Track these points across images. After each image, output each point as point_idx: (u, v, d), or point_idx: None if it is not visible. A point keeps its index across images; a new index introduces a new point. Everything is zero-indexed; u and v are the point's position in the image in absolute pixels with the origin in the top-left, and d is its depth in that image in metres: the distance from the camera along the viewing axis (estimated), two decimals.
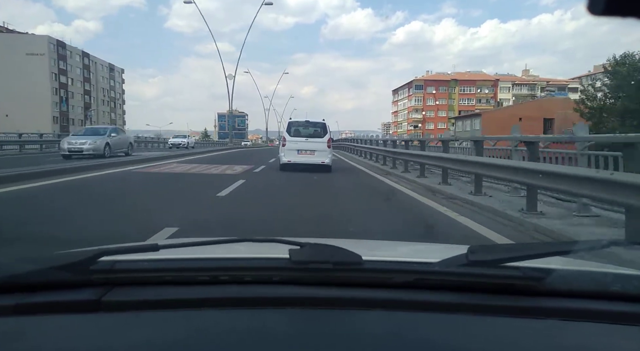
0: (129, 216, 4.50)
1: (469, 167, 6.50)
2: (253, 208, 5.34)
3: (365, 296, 0.76)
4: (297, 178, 9.04)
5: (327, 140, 10.77)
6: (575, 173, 3.98)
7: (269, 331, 0.67)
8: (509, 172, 5.16)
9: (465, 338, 0.67)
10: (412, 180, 8.85)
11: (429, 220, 4.86)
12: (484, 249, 0.84)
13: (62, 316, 0.71)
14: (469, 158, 6.77)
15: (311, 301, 0.74)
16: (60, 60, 60.86)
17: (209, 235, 1.90)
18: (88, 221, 4.08)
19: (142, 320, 0.71)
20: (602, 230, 4.02)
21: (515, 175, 4.98)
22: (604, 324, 0.71)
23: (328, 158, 10.60)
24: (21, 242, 3.03)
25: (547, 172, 4.32)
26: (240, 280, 0.80)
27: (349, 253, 0.79)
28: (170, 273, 0.81)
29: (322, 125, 11.14)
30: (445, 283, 0.78)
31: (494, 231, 4.03)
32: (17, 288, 0.75)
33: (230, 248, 0.97)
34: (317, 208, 5.31)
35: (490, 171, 5.77)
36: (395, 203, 6.13)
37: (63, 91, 61.80)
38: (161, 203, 5.58)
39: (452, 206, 5.66)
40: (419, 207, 5.75)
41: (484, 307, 0.73)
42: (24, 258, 0.80)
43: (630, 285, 0.79)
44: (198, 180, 8.64)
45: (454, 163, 7.12)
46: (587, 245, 0.95)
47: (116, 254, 0.80)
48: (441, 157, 7.93)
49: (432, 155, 8.67)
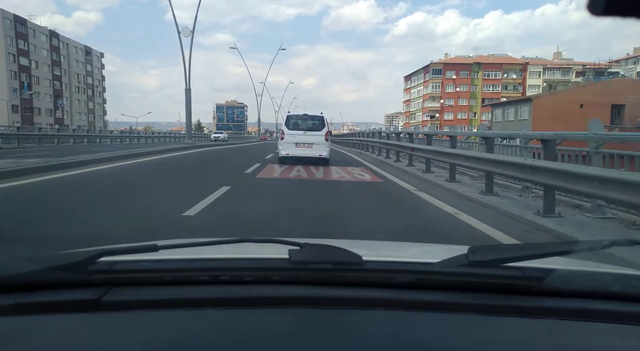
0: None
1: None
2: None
3: (366, 296, 0.84)
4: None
5: (325, 133, 12.24)
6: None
7: (269, 332, 0.74)
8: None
9: (465, 338, 0.74)
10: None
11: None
12: (484, 249, 0.92)
13: (62, 316, 0.78)
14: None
15: (311, 301, 0.82)
16: (19, 39, 58.04)
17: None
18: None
19: (142, 320, 0.78)
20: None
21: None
22: (603, 324, 0.79)
23: (326, 152, 12.06)
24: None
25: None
26: (240, 280, 0.88)
27: (349, 253, 0.87)
28: (170, 274, 0.89)
29: (320, 119, 12.68)
30: (446, 283, 0.86)
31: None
32: (17, 288, 0.83)
33: (229, 248, 1.06)
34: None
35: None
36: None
37: (25, 75, 59.26)
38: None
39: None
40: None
41: (485, 307, 0.81)
42: (24, 258, 0.88)
43: (630, 285, 0.88)
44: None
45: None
46: (587, 245, 1.04)
47: (116, 254, 0.88)
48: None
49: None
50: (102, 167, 9.75)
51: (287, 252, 0.87)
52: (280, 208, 5.40)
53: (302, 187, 7.80)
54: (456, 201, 6.30)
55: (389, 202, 6.58)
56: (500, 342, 0.75)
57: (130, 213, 4.89)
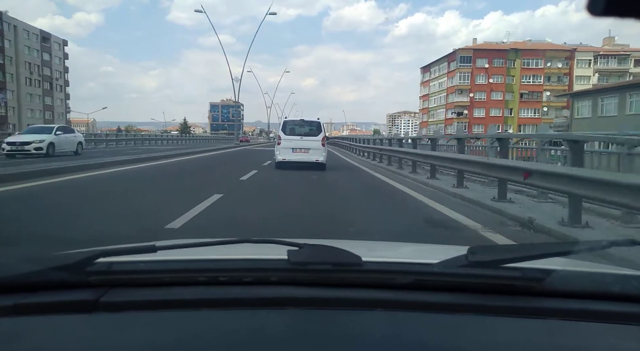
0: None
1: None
2: None
3: (365, 297, 0.95)
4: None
5: (321, 139, 14.19)
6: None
7: (268, 332, 0.85)
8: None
9: (464, 338, 0.85)
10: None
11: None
12: (484, 250, 1.05)
13: (60, 317, 0.89)
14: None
15: (310, 302, 0.93)
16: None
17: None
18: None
19: (140, 321, 0.89)
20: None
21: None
22: (603, 324, 0.90)
23: (322, 157, 13.92)
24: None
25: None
26: (238, 281, 1.00)
27: (348, 254, 0.99)
28: (168, 274, 1.01)
29: (317, 124, 14.63)
30: (445, 284, 0.97)
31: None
32: (15, 289, 0.94)
33: (228, 249, 1.20)
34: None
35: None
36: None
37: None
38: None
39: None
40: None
41: (484, 308, 0.92)
42: (22, 259, 1.01)
43: (630, 285, 0.99)
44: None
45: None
46: (587, 245, 1.15)
47: (114, 255, 1.01)
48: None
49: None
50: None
51: (286, 252, 0.98)
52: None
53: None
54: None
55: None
56: (500, 343, 0.85)
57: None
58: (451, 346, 0.82)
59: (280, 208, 6.98)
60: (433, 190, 9.42)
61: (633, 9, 0.59)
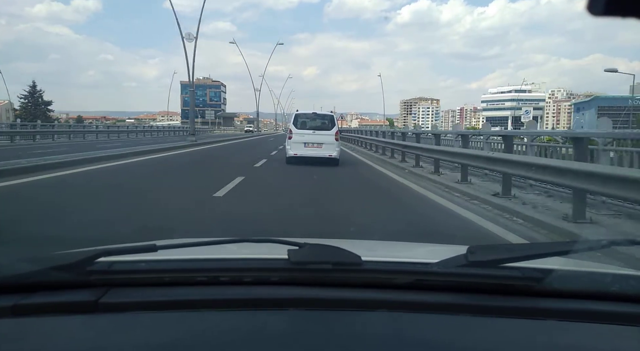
0: None
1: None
2: None
3: (365, 297, 0.96)
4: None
5: (334, 133, 13.71)
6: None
7: (268, 332, 0.86)
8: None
9: (464, 338, 0.86)
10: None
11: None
12: (484, 249, 1.06)
13: (60, 317, 0.90)
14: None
15: (310, 302, 0.94)
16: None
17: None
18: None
19: (140, 321, 0.90)
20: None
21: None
22: (602, 324, 0.92)
23: (335, 152, 13.50)
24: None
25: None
26: (239, 280, 1.01)
27: (348, 253, 1.00)
28: (169, 274, 1.02)
29: (330, 117, 14.44)
30: (445, 284, 0.99)
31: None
32: (15, 289, 0.95)
33: (228, 248, 1.22)
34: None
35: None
36: None
37: None
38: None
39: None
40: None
41: (484, 308, 0.94)
42: (23, 259, 1.01)
43: (629, 285, 1.01)
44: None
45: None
46: (586, 245, 1.15)
47: (114, 255, 1.02)
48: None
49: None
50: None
51: (286, 252, 0.99)
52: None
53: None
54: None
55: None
56: (499, 343, 0.86)
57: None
58: (451, 346, 0.83)
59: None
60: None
61: (633, 8, 0.60)
